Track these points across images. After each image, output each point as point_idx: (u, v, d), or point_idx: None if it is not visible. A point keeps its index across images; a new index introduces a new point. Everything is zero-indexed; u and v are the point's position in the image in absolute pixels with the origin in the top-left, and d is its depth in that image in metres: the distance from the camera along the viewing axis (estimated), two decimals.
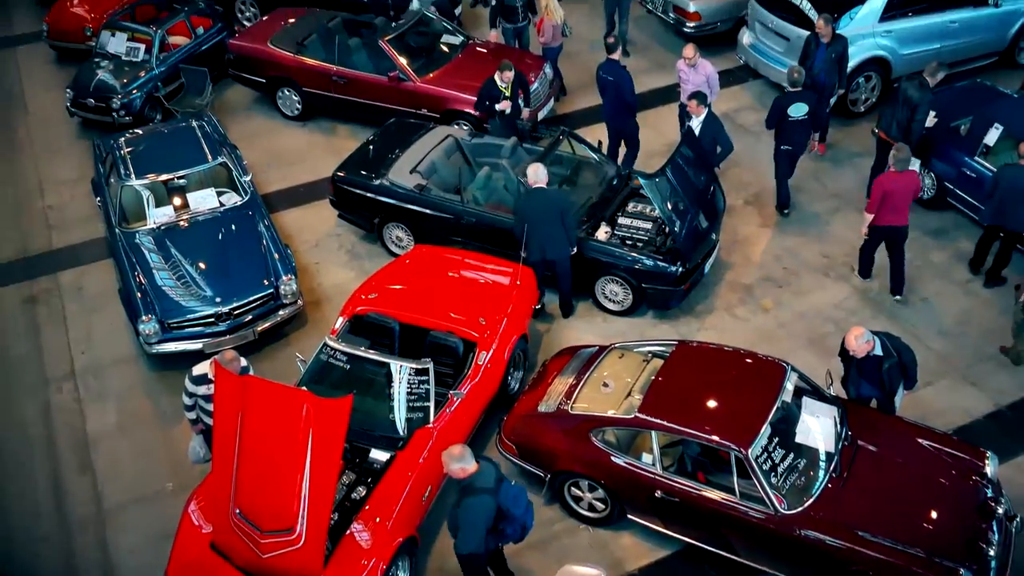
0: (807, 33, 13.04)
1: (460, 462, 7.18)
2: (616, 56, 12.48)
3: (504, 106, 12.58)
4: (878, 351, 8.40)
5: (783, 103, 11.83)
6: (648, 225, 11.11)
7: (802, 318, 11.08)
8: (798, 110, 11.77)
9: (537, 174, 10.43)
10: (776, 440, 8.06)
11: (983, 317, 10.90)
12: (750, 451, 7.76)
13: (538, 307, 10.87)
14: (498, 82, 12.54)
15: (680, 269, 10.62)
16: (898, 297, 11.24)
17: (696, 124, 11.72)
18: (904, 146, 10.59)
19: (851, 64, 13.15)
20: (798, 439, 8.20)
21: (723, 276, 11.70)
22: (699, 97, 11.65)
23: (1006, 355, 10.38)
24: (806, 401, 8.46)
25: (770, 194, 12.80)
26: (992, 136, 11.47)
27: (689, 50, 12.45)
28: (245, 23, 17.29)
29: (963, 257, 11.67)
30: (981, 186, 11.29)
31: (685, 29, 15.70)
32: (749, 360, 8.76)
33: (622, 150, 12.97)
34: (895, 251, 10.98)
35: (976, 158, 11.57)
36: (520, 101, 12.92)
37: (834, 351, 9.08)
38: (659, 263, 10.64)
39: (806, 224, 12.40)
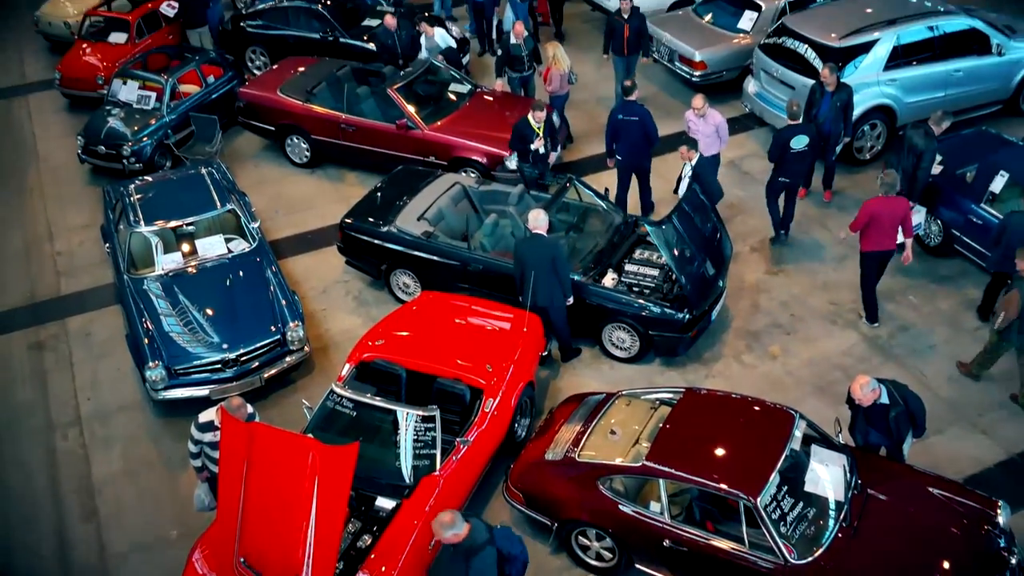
0: (812, 82, 13.14)
1: (453, 528, 7.02)
2: (634, 97, 12.77)
3: (538, 145, 12.72)
4: (884, 399, 8.36)
5: (785, 136, 12.12)
6: (655, 272, 11.12)
7: (810, 365, 11.04)
8: (799, 142, 12.07)
9: (537, 220, 10.46)
10: (785, 489, 7.99)
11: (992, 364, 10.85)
12: (759, 500, 7.69)
13: (545, 354, 10.85)
14: (532, 122, 12.70)
15: (687, 316, 10.61)
16: (876, 324, 11.45)
17: (688, 169, 11.86)
18: (892, 172, 10.90)
19: (856, 112, 13.24)
20: (807, 488, 8.13)
21: (730, 323, 11.69)
22: (690, 142, 11.86)
23: (1016, 403, 10.33)
24: (815, 449, 8.41)
25: (777, 242, 12.84)
26: (998, 183, 11.49)
27: (698, 100, 12.51)
28: (255, 72, 17.48)
29: (971, 304, 11.64)
30: (988, 233, 11.29)
31: (691, 78, 15.83)
32: (757, 408, 8.72)
33: (630, 195, 13.03)
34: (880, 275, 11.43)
35: (982, 205, 11.58)
36: (548, 143, 13.07)
37: (842, 398, 9.03)
38: (666, 310, 10.63)
39: (813, 271, 12.40)
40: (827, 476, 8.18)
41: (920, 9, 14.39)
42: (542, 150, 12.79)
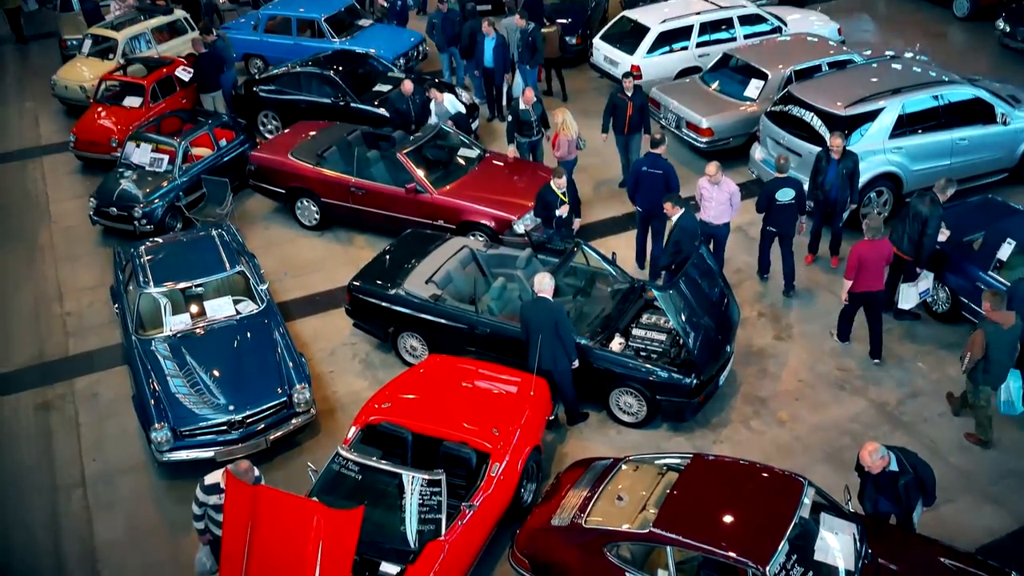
0: (818, 149, 13.25)
1: None
2: (660, 151, 13.12)
3: (563, 211, 12.84)
4: (894, 467, 8.29)
5: (771, 188, 12.60)
6: (662, 337, 11.11)
7: (819, 431, 10.96)
8: (785, 195, 12.52)
9: (542, 283, 10.49)
10: (794, 557, 7.89)
11: (1003, 432, 10.76)
12: (768, 568, 7.59)
13: (552, 418, 10.80)
14: (554, 188, 12.82)
15: (695, 381, 10.57)
16: (877, 361, 11.80)
17: (672, 223, 11.96)
18: (876, 216, 11.55)
19: (862, 179, 13.32)
20: (817, 556, 8.03)
21: (738, 388, 11.64)
22: (674, 198, 12.00)
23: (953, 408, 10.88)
24: (825, 517, 8.32)
25: (785, 308, 12.86)
26: (1005, 251, 11.52)
27: (712, 168, 12.47)
28: (267, 135, 17.69)
29: None
30: None
31: (698, 144, 15.98)
32: (766, 474, 8.64)
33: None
34: (873, 317, 11.69)
35: (990, 272, 11.59)
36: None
37: (852, 465, 8.95)
38: (673, 375, 10.60)
39: (820, 337, 12.37)
40: (837, 545, 8.08)
41: (925, 79, 14.55)
42: (565, 215, 12.90)
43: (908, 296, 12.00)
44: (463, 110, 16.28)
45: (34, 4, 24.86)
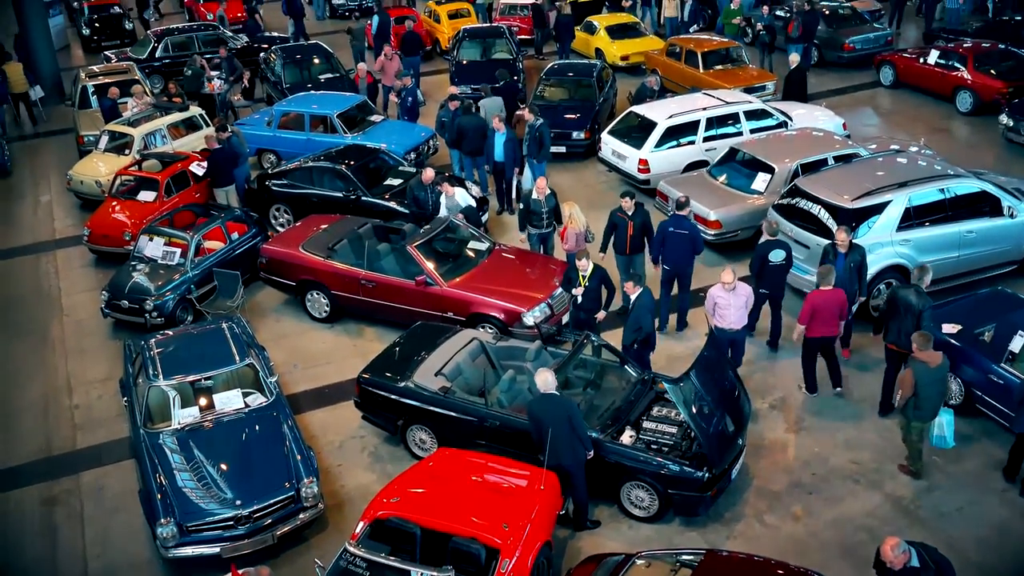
0: (826, 242, 13.33)
1: None
2: (685, 212, 14.02)
3: (577, 292, 12.91)
4: (915, 562, 8.12)
5: (764, 250, 13.21)
6: (673, 430, 11.02)
7: (834, 526, 10.78)
8: (777, 256, 13.18)
9: (546, 381, 10.43)
10: None
11: (1023, 526, 10.57)
12: None
13: (563, 512, 10.65)
14: (579, 269, 12.92)
15: (707, 475, 10.44)
16: (839, 389, 12.81)
17: (632, 301, 12.26)
18: (829, 266, 12.32)
19: (871, 272, 13.37)
20: None
21: (751, 482, 11.49)
22: (634, 278, 12.36)
23: (905, 473, 11.25)
24: None
25: (797, 400, 12.79)
26: (1017, 343, 11.48)
27: (728, 275, 12.32)
28: (279, 228, 17.86)
29: (997, 464, 11.44)
30: (1010, 393, 11.22)
31: (706, 237, 16.07)
32: (781, 571, 8.49)
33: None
34: (829, 356, 12.68)
35: (1003, 365, 11.53)
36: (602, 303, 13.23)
37: (869, 561, 8.77)
38: (685, 468, 10.48)
39: (834, 430, 12.26)
40: None
41: (931, 172, 14.70)
42: (580, 299, 12.94)
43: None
44: (473, 203, 16.47)
45: (41, 91, 25.45)
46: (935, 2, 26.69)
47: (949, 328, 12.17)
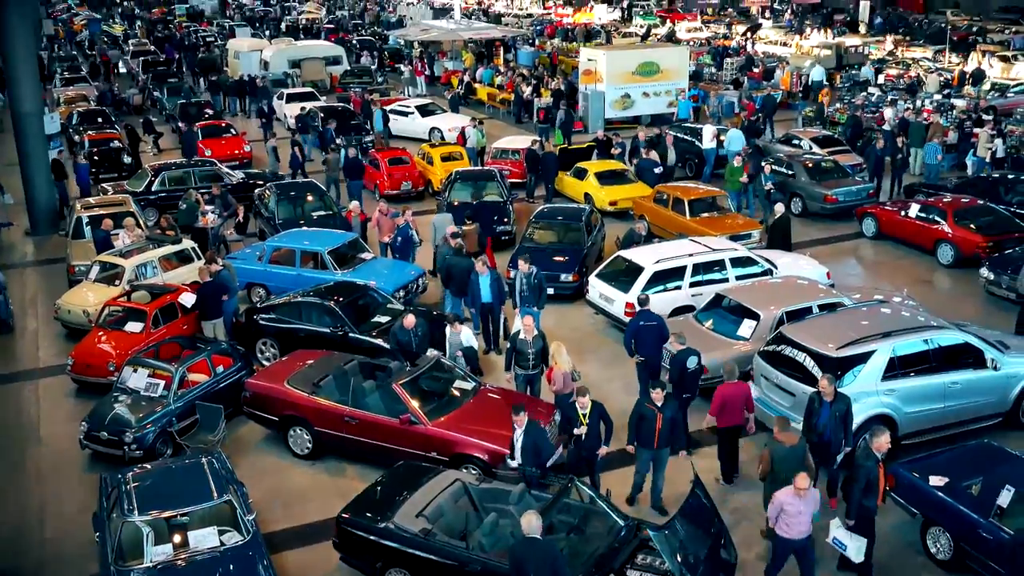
0: (812, 390, 13.34)
1: None
2: (649, 307, 15.72)
3: (580, 431, 12.81)
4: None
5: (682, 357, 14.42)
6: None
7: None
8: (692, 362, 14.39)
9: (531, 525, 10.23)
10: None
11: None
12: None
13: None
14: (577, 406, 12.88)
15: None
16: (731, 484, 13.88)
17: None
18: (733, 364, 13.83)
19: (856, 421, 13.34)
20: None
21: None
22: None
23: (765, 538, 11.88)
24: None
25: None
26: (1005, 498, 11.38)
27: (803, 480, 11.07)
28: (264, 363, 17.79)
29: None
30: (999, 549, 11.06)
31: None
32: None
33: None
34: (734, 446, 13.94)
35: (991, 519, 11.40)
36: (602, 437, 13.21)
37: None
38: None
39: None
40: None
41: (914, 323, 14.87)
42: (583, 436, 12.88)
43: (833, 529, 11.67)
44: (475, 345, 16.59)
45: (10, 199, 26.24)
46: (903, 168, 27.56)
47: (936, 481, 12.09)
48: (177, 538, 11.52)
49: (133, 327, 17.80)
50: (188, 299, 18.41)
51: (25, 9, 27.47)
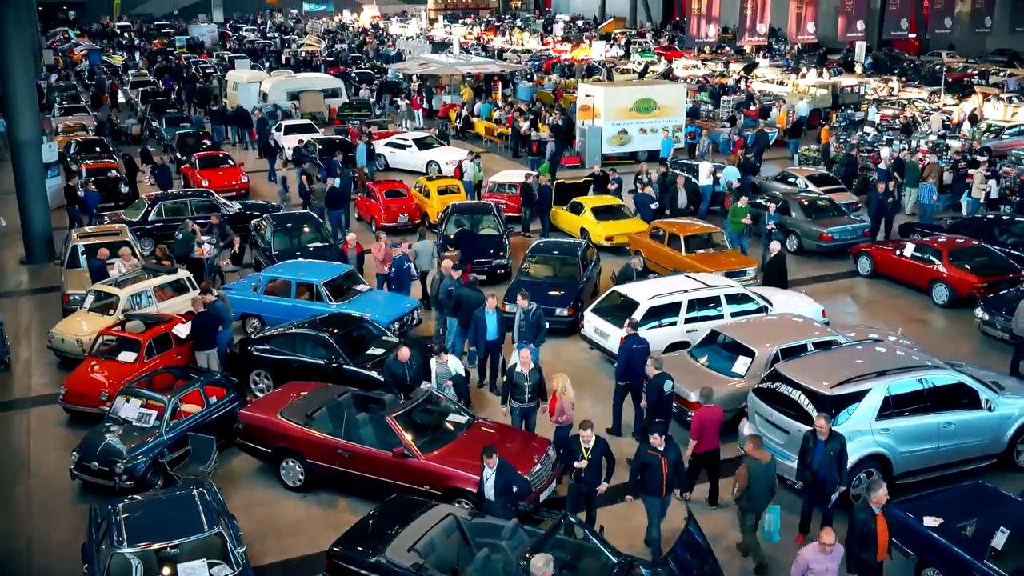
0: (806, 428, 13.31)
1: None
2: (637, 331, 16.03)
3: (581, 465, 12.77)
4: None
5: (658, 382, 14.91)
6: None
7: None
8: (668, 386, 14.96)
9: (541, 566, 10.14)
10: None
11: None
12: None
13: None
14: (581, 441, 12.84)
15: None
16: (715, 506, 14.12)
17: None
18: (706, 387, 14.34)
19: (851, 460, 13.30)
20: None
21: None
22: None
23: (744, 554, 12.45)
24: None
25: None
26: (999, 540, 11.33)
27: (828, 535, 11.05)
28: (258, 394, 17.73)
29: None
30: None
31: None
32: None
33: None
34: (713, 472, 14.26)
35: (986, 562, 11.34)
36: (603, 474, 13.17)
37: None
38: None
39: None
40: None
41: (909, 363, 14.87)
42: (584, 472, 12.86)
43: None
44: (463, 373, 16.51)
45: (3, 221, 26.52)
46: (895, 209, 27.66)
47: (931, 521, 12.04)
48: (166, 570, 11.43)
49: (127, 357, 17.74)
50: (183, 331, 18.37)
51: (24, 39, 27.59)
